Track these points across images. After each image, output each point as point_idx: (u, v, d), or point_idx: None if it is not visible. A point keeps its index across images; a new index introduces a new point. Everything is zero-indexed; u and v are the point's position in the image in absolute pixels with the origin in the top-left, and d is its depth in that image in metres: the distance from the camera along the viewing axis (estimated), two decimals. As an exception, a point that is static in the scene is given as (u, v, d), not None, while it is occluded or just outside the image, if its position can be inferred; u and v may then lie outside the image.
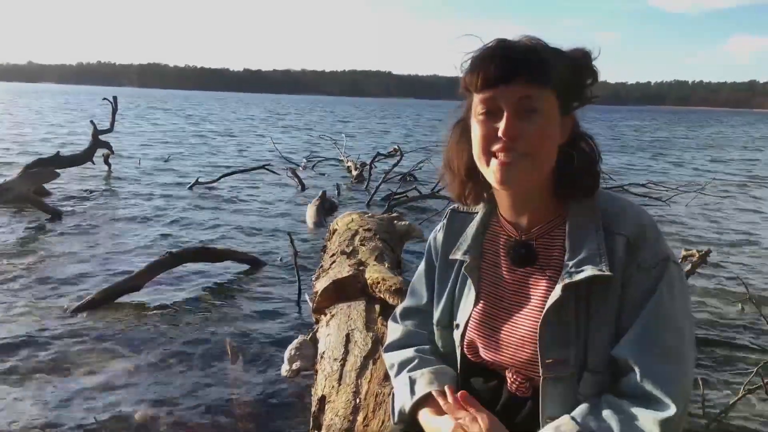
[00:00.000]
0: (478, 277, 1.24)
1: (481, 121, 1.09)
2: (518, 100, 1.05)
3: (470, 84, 1.10)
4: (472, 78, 1.08)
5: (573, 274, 1.07)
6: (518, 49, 1.06)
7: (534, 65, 1.04)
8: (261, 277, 4.91)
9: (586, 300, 1.08)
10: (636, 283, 1.06)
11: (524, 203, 1.17)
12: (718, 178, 12.66)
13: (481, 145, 1.10)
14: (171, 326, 3.79)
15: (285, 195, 9.23)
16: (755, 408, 2.97)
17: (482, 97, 1.08)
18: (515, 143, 1.06)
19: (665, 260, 1.07)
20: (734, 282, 4.96)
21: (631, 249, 1.07)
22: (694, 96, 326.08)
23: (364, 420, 2.00)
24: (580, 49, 1.12)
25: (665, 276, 1.06)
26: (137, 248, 5.64)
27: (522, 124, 1.05)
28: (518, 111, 1.05)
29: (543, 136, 1.06)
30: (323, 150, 15.25)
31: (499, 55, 1.06)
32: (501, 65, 1.05)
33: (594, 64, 1.12)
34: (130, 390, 2.96)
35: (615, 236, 1.08)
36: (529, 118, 1.05)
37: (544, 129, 1.06)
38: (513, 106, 1.05)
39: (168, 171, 11.26)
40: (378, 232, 4.09)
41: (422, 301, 1.38)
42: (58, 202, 7.56)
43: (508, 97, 1.05)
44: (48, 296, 4.22)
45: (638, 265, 1.06)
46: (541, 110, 1.06)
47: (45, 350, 3.35)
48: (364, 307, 2.75)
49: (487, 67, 1.06)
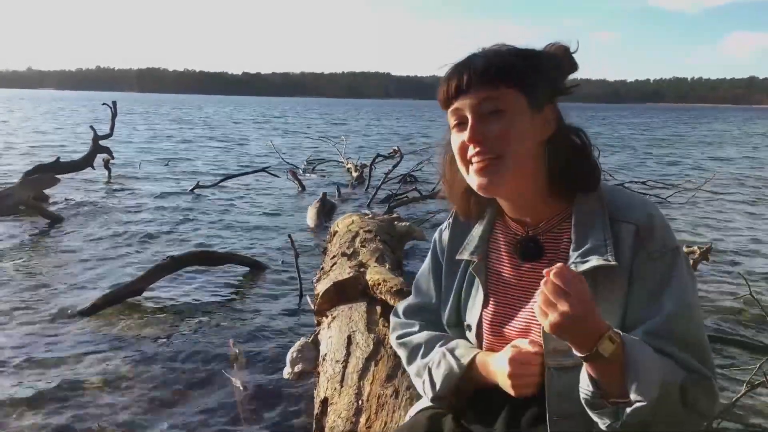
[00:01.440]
0: (486, 277, 1.24)
1: (454, 133, 1.14)
2: (478, 104, 1.08)
3: (440, 102, 1.15)
4: (440, 96, 1.14)
5: (578, 264, 1.07)
6: (476, 60, 1.10)
7: (489, 70, 1.07)
8: (262, 280, 4.91)
9: (592, 291, 1.07)
10: (648, 272, 1.06)
11: (522, 203, 1.17)
12: (718, 175, 12.64)
13: (459, 156, 1.14)
14: (172, 330, 3.79)
15: (285, 197, 9.24)
16: (759, 404, 2.97)
17: (450, 110, 1.13)
18: (484, 146, 1.08)
19: (675, 250, 1.08)
20: (735, 278, 4.96)
21: (641, 237, 1.07)
22: (693, 93, 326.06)
23: (367, 421, 2.00)
24: (556, 44, 1.14)
25: (677, 266, 1.06)
26: (138, 252, 5.65)
27: (486, 126, 1.08)
28: (481, 115, 1.08)
29: (510, 134, 1.08)
30: (323, 152, 15.25)
31: (457, 70, 1.11)
32: (458, 77, 1.10)
33: (572, 56, 1.14)
34: (131, 393, 2.96)
35: (622, 224, 1.08)
36: (493, 120, 1.08)
37: (510, 127, 1.07)
38: (474, 110, 1.09)
39: (168, 175, 11.27)
40: (378, 234, 4.09)
41: (430, 299, 1.37)
42: (58, 207, 7.56)
43: (470, 104, 1.09)
44: (50, 301, 4.22)
45: (648, 254, 1.06)
46: (504, 110, 1.08)
47: (47, 355, 3.35)
48: (365, 308, 2.75)
49: (448, 82, 1.11)
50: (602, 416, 0.99)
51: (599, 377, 0.98)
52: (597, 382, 0.98)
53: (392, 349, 2.10)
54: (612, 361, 0.95)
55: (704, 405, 1.02)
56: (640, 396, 0.93)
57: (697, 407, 1.01)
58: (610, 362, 0.95)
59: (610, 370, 0.96)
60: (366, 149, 16.56)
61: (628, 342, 0.96)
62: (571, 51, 1.14)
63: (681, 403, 0.99)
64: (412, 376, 1.35)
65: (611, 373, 0.96)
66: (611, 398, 0.98)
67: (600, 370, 0.97)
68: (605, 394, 0.98)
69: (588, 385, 0.99)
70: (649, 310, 1.05)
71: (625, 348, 0.96)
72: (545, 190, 1.15)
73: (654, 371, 0.95)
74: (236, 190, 9.64)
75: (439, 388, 1.23)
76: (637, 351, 0.96)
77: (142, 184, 9.95)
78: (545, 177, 1.13)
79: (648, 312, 1.05)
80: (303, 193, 9.55)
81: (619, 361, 0.95)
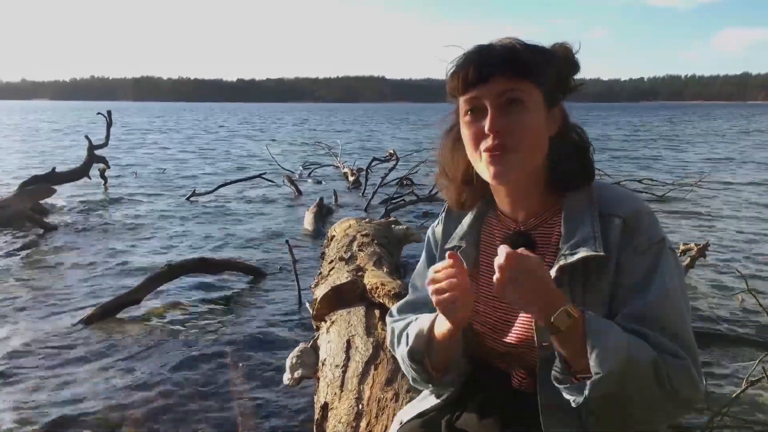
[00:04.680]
0: (474, 261, 1.25)
1: (469, 121, 1.13)
2: (500, 94, 1.08)
3: (453, 89, 1.14)
4: (454, 82, 1.13)
5: (567, 256, 1.09)
6: (495, 49, 1.10)
7: (512, 61, 1.07)
8: (260, 286, 4.90)
9: (581, 282, 1.10)
10: (633, 265, 1.07)
11: (521, 196, 1.18)
12: (714, 172, 12.69)
13: (472, 144, 1.13)
14: (171, 338, 3.78)
15: (282, 203, 9.24)
16: (759, 400, 2.98)
17: (466, 98, 1.12)
18: (502, 137, 1.08)
19: (661, 242, 1.09)
20: (733, 275, 4.97)
21: (627, 230, 1.08)
22: (687, 90, 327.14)
23: (367, 426, 2.00)
24: (561, 44, 1.15)
25: (662, 257, 1.08)
26: (136, 261, 5.64)
27: (506, 117, 1.08)
28: (501, 105, 1.09)
29: (529, 127, 1.09)
30: (319, 157, 15.26)
31: (476, 57, 1.10)
32: (479, 65, 1.09)
33: (575, 57, 1.15)
34: (132, 402, 2.95)
35: (610, 218, 1.10)
36: (512, 111, 1.08)
37: (529, 121, 1.09)
38: (495, 101, 1.09)
39: (165, 183, 11.26)
40: (376, 237, 4.10)
41: (426, 293, 1.36)
42: (54, 217, 7.55)
43: (490, 94, 1.09)
44: (48, 312, 4.21)
45: (635, 248, 1.08)
46: (524, 102, 1.09)
47: (46, 366, 3.34)
48: (363, 312, 2.75)
49: (467, 69, 1.10)
50: (571, 392, 1.01)
51: (564, 352, 1.02)
52: (563, 358, 1.02)
53: (392, 353, 2.10)
54: (571, 334, 0.98)
55: (681, 387, 1.02)
56: (598, 368, 0.96)
57: (675, 389, 1.01)
58: (570, 336, 0.99)
59: (571, 344, 1.00)
60: (362, 152, 16.58)
61: (589, 317, 1.00)
62: (574, 52, 1.16)
63: (655, 382, 1.00)
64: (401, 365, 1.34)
65: (573, 348, 1.00)
66: (578, 374, 1.01)
67: (561, 343, 1.01)
68: (573, 371, 1.02)
69: (558, 362, 1.03)
70: (633, 300, 1.07)
71: (586, 322, 0.99)
72: (542, 185, 1.17)
73: (616, 345, 0.98)
74: (233, 196, 9.64)
75: (411, 343, 1.24)
76: (597, 325, 0.99)
77: (138, 193, 9.93)
78: (545, 172, 1.16)
79: (633, 301, 1.07)
80: (300, 198, 9.56)
81: (579, 333, 0.98)
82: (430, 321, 1.22)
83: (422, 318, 1.26)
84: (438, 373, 1.25)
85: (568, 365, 1.02)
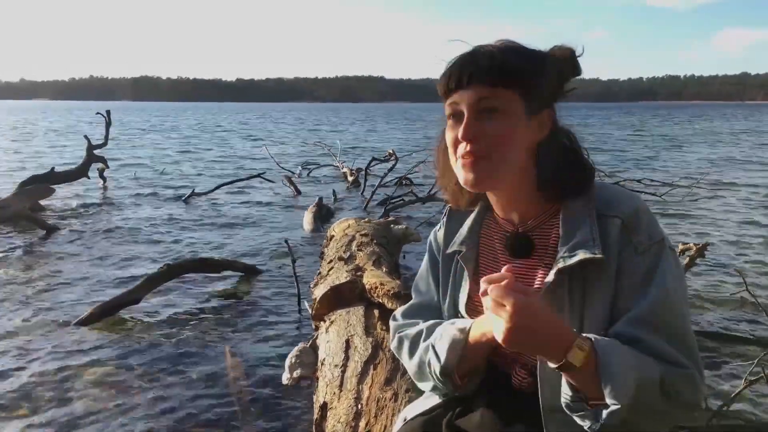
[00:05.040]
0: (475, 267, 1.25)
1: (450, 125, 1.14)
2: (476, 101, 1.08)
3: (439, 91, 1.15)
4: (439, 85, 1.14)
5: (566, 259, 1.08)
6: (478, 55, 1.10)
7: (490, 69, 1.07)
8: (259, 286, 4.90)
9: (581, 285, 1.09)
10: (633, 266, 1.07)
11: (511, 201, 1.18)
12: (713, 173, 12.69)
13: (451, 149, 1.14)
14: (170, 338, 3.78)
15: (281, 203, 9.23)
16: (758, 399, 2.98)
17: (448, 102, 1.13)
18: (475, 144, 1.08)
19: (661, 242, 1.08)
20: (732, 275, 4.97)
21: (626, 231, 1.08)
22: (686, 90, 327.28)
23: (366, 426, 2.00)
24: (560, 47, 1.13)
25: (663, 257, 1.07)
26: (135, 261, 5.63)
27: (481, 124, 1.08)
28: (477, 112, 1.08)
29: (503, 135, 1.08)
30: (318, 157, 15.25)
31: (460, 62, 1.11)
32: (460, 70, 1.09)
33: (577, 60, 1.13)
34: (130, 402, 2.95)
35: (609, 219, 1.09)
36: (488, 119, 1.08)
37: (504, 129, 1.08)
38: (471, 107, 1.09)
39: (163, 183, 11.25)
40: (375, 237, 4.10)
41: (431, 298, 1.36)
42: (53, 217, 7.55)
43: (467, 100, 1.09)
44: (46, 312, 4.20)
45: (635, 248, 1.07)
46: (501, 110, 1.08)
47: (45, 366, 3.33)
48: (363, 312, 2.75)
49: (450, 73, 1.11)
50: (584, 419, 1.00)
51: (575, 383, 1.00)
52: (575, 387, 1.00)
53: (391, 352, 2.10)
54: (585, 368, 0.96)
55: (687, 396, 1.02)
56: (614, 400, 0.95)
57: (680, 399, 1.01)
58: (583, 369, 0.97)
59: (584, 376, 0.98)
60: (361, 152, 16.57)
61: (598, 347, 0.97)
62: (576, 54, 1.13)
63: (662, 396, 1.00)
64: (413, 372, 1.32)
65: (586, 379, 0.98)
66: (590, 401, 0.99)
67: (575, 377, 0.99)
68: (584, 397, 1.00)
69: (567, 390, 1.01)
70: (634, 301, 1.06)
71: (597, 354, 0.97)
72: (534, 192, 1.15)
73: (628, 373, 0.96)
74: (231, 196, 9.63)
75: (444, 359, 1.20)
76: (609, 355, 0.97)
77: (136, 193, 9.92)
78: (534, 179, 1.14)
79: (634, 303, 1.06)
80: (299, 198, 9.55)
81: (593, 367, 0.96)
82: (463, 335, 1.19)
83: (450, 330, 1.22)
84: (463, 380, 1.23)
85: (576, 390, 1.00)
